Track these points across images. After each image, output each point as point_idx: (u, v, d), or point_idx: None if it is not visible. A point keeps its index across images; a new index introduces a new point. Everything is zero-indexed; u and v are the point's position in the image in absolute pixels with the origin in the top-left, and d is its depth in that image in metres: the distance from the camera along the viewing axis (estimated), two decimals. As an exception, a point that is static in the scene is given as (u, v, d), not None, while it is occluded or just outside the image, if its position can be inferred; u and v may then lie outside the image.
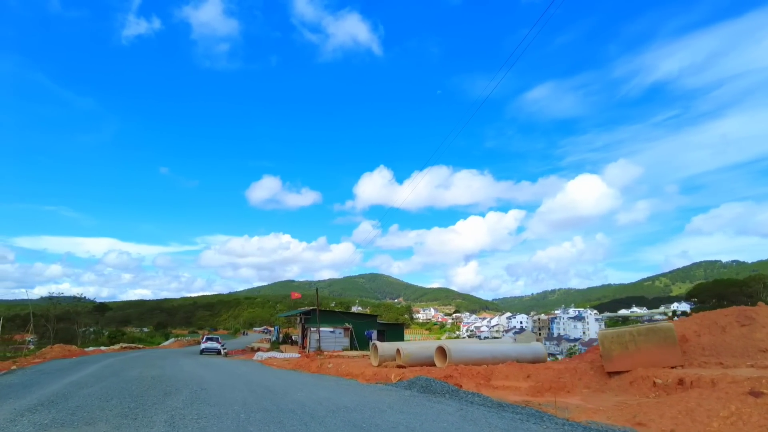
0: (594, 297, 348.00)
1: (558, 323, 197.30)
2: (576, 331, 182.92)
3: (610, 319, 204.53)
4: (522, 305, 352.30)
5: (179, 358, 31.71)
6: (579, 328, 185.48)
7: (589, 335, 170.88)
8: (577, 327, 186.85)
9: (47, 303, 60.71)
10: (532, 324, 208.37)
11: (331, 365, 19.60)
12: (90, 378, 16.45)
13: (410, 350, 16.77)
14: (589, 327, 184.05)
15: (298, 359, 28.25)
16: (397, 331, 44.45)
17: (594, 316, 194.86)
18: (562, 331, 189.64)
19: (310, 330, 39.04)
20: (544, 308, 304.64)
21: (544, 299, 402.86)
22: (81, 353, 38.51)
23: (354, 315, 42.97)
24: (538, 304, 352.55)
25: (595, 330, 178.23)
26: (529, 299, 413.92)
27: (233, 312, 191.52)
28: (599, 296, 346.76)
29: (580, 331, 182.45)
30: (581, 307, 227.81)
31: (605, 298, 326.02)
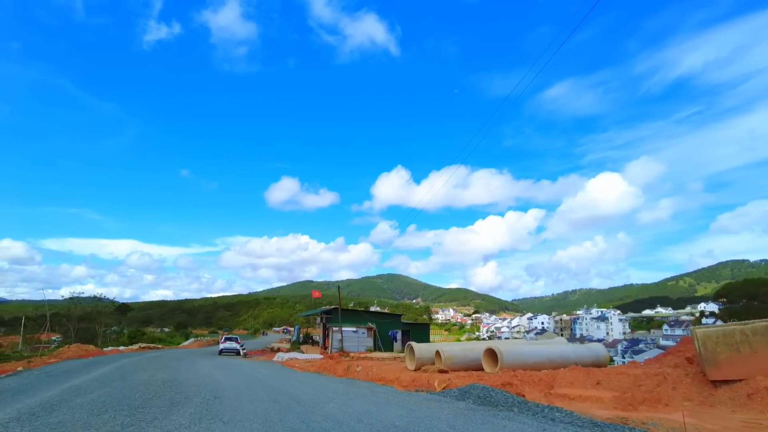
0: (616, 297, 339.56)
1: (581, 324, 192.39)
2: (599, 331, 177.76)
3: (634, 319, 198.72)
4: (542, 306, 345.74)
5: (196, 359, 30.03)
6: (602, 329, 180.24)
7: (612, 336, 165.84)
8: (600, 327, 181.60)
9: (68, 303, 60.10)
10: (553, 325, 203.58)
11: (360, 368, 17.48)
12: (93, 382, 14.65)
13: (453, 352, 14.55)
14: (613, 327, 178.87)
15: (321, 361, 26.23)
16: (422, 332, 42.18)
17: (617, 317, 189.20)
18: (585, 331, 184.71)
19: (332, 330, 37.06)
20: (564, 309, 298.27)
21: (565, 300, 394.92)
22: (98, 353, 37.21)
23: (377, 314, 40.92)
24: (558, 305, 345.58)
25: (619, 330, 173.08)
26: (550, 300, 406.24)
27: (253, 312, 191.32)
28: (621, 296, 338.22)
29: (604, 331, 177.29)
30: (603, 308, 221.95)
31: (627, 299, 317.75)
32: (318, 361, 27.25)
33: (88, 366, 22.95)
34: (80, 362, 26.53)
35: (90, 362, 26.29)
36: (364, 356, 21.61)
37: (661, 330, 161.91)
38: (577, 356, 14.68)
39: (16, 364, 25.17)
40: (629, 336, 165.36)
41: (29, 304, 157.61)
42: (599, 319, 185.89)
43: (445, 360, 14.35)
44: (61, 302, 61.98)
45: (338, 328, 36.60)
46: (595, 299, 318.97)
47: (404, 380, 13.91)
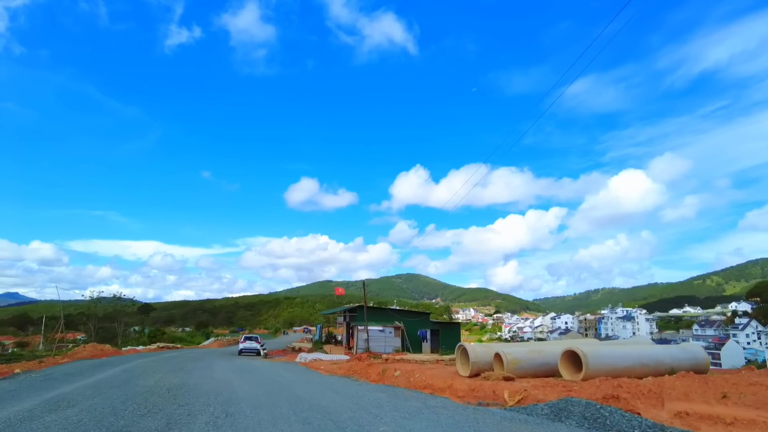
0: (640, 296, 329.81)
1: (606, 323, 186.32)
2: (625, 331, 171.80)
3: (662, 319, 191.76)
4: (564, 305, 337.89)
5: (214, 360, 27.76)
6: (628, 329, 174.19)
7: (639, 336, 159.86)
8: (626, 327, 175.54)
9: (88, 303, 59.14)
10: (577, 324, 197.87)
11: (398, 373, 14.77)
12: (87, 390, 12.27)
13: (517, 355, 11.72)
14: (640, 327, 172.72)
15: (348, 363, 23.62)
16: (452, 332, 39.27)
17: (644, 316, 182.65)
18: (610, 331, 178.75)
19: (357, 329, 34.50)
20: (587, 308, 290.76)
21: (587, 299, 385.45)
22: (113, 353, 35.36)
23: (404, 312, 38.15)
24: (580, 304, 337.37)
25: (646, 330, 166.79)
26: (572, 299, 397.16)
27: (273, 312, 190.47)
28: (645, 296, 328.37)
29: (630, 331, 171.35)
30: (628, 307, 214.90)
31: (652, 298, 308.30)
32: (345, 362, 24.66)
33: (95, 368, 20.83)
34: (90, 363, 24.50)
35: (100, 363, 24.23)
36: (399, 358, 18.88)
37: (691, 330, 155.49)
38: (673, 359, 11.72)
39: (26, 364, 23.27)
40: (656, 336, 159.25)
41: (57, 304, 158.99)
42: (625, 318, 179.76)
43: (509, 364, 11.53)
44: (83, 302, 60.99)
45: (364, 327, 34.00)
46: (619, 299, 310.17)
47: (460, 389, 11.14)
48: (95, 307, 58.81)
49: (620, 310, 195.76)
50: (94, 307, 58.76)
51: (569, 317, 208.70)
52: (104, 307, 59.48)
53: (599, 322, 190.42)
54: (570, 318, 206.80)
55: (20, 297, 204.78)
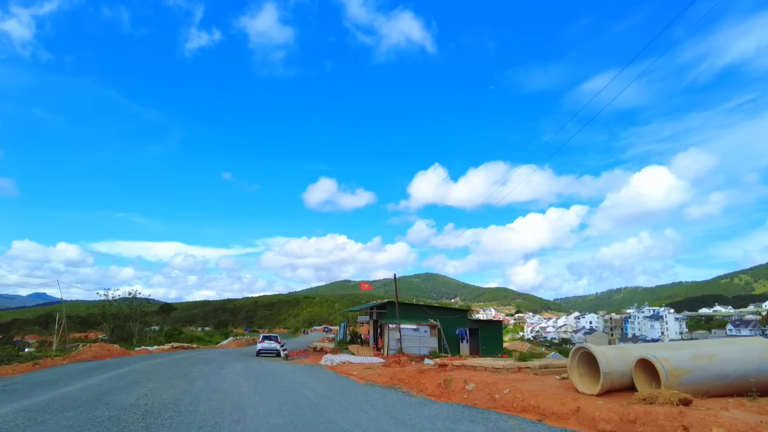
0: (664, 295, 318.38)
1: (632, 323, 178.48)
2: (653, 331, 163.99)
3: (691, 318, 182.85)
4: (585, 305, 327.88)
5: (227, 363, 23.81)
6: (656, 328, 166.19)
7: (668, 336, 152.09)
8: (655, 327, 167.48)
9: (102, 302, 56.47)
10: (602, 324, 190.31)
11: (472, 386, 10.44)
12: (39, 410, 8.26)
13: (681, 363, 7.32)
14: (668, 327, 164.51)
15: (387, 368, 19.36)
16: (493, 331, 34.69)
17: (673, 316, 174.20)
18: (637, 331, 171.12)
19: (388, 327, 30.23)
20: (609, 307, 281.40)
21: (609, 298, 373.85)
22: (121, 353, 31.84)
23: (440, 309, 33.67)
24: (602, 304, 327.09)
25: (675, 330, 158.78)
26: (593, 298, 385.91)
27: (293, 311, 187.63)
28: (669, 294, 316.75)
29: (658, 331, 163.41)
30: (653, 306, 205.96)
31: (677, 297, 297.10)
32: (380, 367, 20.39)
33: (83, 373, 17.08)
34: (86, 366, 20.82)
35: (96, 366, 20.52)
36: (459, 363, 14.50)
37: (724, 330, 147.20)
38: None
39: (15, 367, 19.68)
40: (687, 336, 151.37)
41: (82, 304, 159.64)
42: (653, 317, 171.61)
43: (669, 378, 7.11)
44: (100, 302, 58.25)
45: (396, 325, 29.71)
46: (641, 298, 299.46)
47: (601, 418, 6.78)
48: (110, 306, 56.24)
49: (647, 309, 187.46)
50: (109, 306, 56.18)
51: (594, 317, 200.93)
52: (120, 306, 56.82)
53: (625, 322, 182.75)
54: (594, 317, 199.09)
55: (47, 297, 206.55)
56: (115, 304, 56.15)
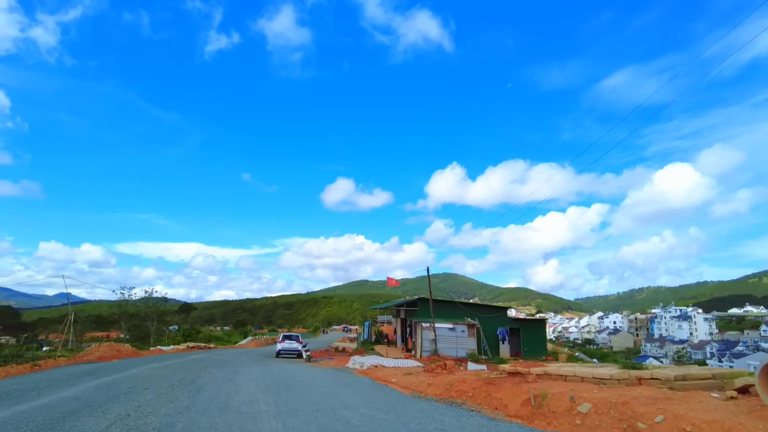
0: (688, 295, 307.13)
1: (659, 323, 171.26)
2: (681, 331, 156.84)
3: (721, 318, 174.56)
4: (607, 305, 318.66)
5: (243, 366, 20.80)
6: (685, 329, 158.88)
7: (697, 336, 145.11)
8: (683, 327, 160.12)
9: (119, 302, 54.58)
10: (627, 324, 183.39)
11: (588, 407, 7.04)
12: None
13: None
14: (697, 327, 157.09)
15: (430, 373, 16.08)
16: (536, 331, 30.96)
17: (702, 316, 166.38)
18: (664, 331, 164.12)
19: (422, 326, 26.87)
20: (631, 307, 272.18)
21: (631, 298, 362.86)
22: (131, 354, 29.17)
23: (478, 307, 30.05)
24: (624, 304, 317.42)
25: (704, 330, 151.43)
26: (615, 298, 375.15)
27: (311, 311, 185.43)
28: (695, 294, 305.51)
29: (686, 331, 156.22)
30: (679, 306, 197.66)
31: (702, 297, 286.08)
32: (420, 372, 17.11)
33: (76, 378, 14.26)
34: (84, 368, 18.06)
35: (95, 369, 17.74)
36: (541, 371, 10.99)
37: (758, 331, 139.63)
38: None
39: (11, 369, 17.06)
40: (717, 337, 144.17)
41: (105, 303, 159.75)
42: (680, 317, 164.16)
43: None
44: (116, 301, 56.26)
45: (429, 324, 26.37)
46: (665, 297, 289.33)
47: None
48: (127, 305, 54.37)
49: (674, 309, 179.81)
50: (126, 305, 54.31)
51: (618, 316, 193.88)
52: (137, 305, 54.86)
53: (651, 322, 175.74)
54: (618, 317, 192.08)
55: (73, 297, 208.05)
56: (131, 304, 54.14)
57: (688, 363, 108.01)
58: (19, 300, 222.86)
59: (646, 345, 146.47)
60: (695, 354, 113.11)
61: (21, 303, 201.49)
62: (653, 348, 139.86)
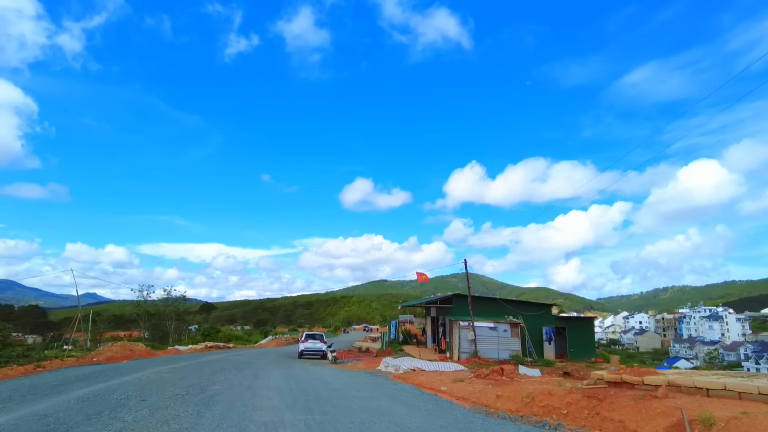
0: (716, 295, 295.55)
1: (688, 323, 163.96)
2: (712, 332, 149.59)
3: (754, 319, 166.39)
4: (630, 304, 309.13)
5: (264, 368, 18.26)
6: (716, 329, 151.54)
7: (729, 337, 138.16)
8: (714, 328, 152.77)
9: (137, 301, 53.17)
10: (654, 324, 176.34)
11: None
12: None
13: None
14: (729, 328, 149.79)
15: (485, 379, 13.23)
16: (584, 330, 27.74)
17: (734, 316, 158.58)
18: (693, 332, 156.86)
19: (459, 325, 23.96)
20: (655, 307, 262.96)
21: (655, 298, 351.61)
22: (144, 354, 26.95)
23: (520, 304, 26.83)
24: (648, 303, 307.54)
25: (737, 331, 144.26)
26: (638, 298, 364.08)
27: (330, 310, 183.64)
28: (722, 294, 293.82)
29: (718, 332, 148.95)
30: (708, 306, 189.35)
31: (731, 297, 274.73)
32: (471, 377, 14.25)
33: (71, 383, 11.90)
34: (87, 371, 15.79)
35: (99, 372, 15.43)
36: (664, 380, 8.05)
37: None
38: None
39: (10, 371, 14.97)
40: (750, 338, 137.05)
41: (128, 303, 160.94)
42: (711, 317, 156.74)
43: None
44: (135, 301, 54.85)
45: (468, 323, 23.47)
46: (690, 297, 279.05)
47: None
48: (146, 304, 52.88)
49: (703, 309, 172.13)
50: (144, 304, 52.82)
51: (644, 316, 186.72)
52: (156, 304, 53.27)
53: (679, 322, 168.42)
54: (645, 317, 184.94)
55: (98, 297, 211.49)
56: (150, 303, 52.55)
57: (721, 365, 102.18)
58: (47, 300, 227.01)
59: (675, 346, 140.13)
60: (728, 356, 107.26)
61: (49, 303, 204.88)
62: (683, 349, 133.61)
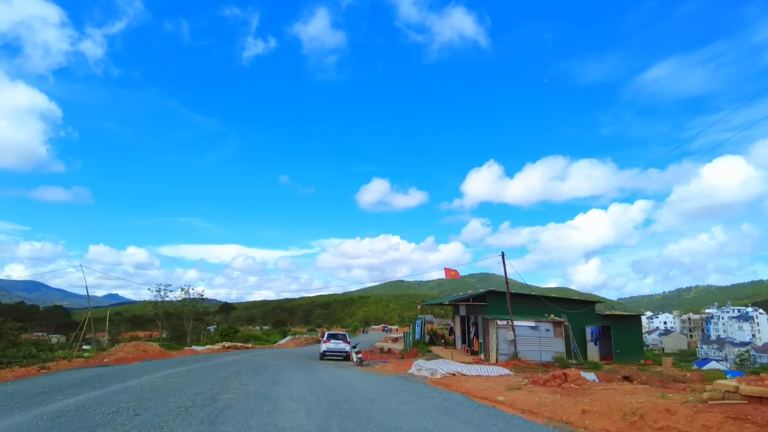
0: (742, 295, 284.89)
1: (716, 323, 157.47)
2: (742, 333, 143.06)
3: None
4: (652, 304, 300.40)
5: (283, 372, 16.25)
6: (746, 330, 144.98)
7: (761, 339, 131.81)
8: (744, 328, 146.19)
9: (154, 302, 52.07)
10: (679, 324, 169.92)
11: None
12: None
13: None
14: (760, 329, 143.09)
15: (551, 388, 10.94)
16: (630, 329, 25.06)
17: (766, 316, 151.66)
18: (722, 333, 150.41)
19: (496, 324, 21.56)
20: (678, 307, 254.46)
21: (678, 297, 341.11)
22: (157, 355, 25.25)
23: (561, 301, 24.13)
24: (671, 303, 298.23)
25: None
26: (660, 298, 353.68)
27: (348, 311, 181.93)
28: (749, 294, 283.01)
29: (748, 333, 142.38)
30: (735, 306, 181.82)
31: (758, 296, 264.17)
32: (528, 384, 11.96)
33: (60, 390, 10.03)
34: (90, 373, 14.06)
35: (100, 374, 13.63)
36: None
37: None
38: None
39: (9, 373, 13.32)
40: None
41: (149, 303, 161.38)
42: (740, 318, 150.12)
43: None
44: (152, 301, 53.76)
45: (506, 322, 21.10)
46: (716, 297, 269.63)
47: None
48: (162, 304, 51.77)
49: (732, 309, 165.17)
50: (161, 304, 51.72)
51: (669, 316, 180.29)
52: (173, 304, 52.10)
53: (707, 322, 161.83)
54: (670, 317, 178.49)
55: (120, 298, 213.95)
56: (168, 303, 51.38)
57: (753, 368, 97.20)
58: (71, 300, 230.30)
59: (702, 347, 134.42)
60: (760, 357, 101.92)
61: (73, 303, 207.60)
62: (711, 350, 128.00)
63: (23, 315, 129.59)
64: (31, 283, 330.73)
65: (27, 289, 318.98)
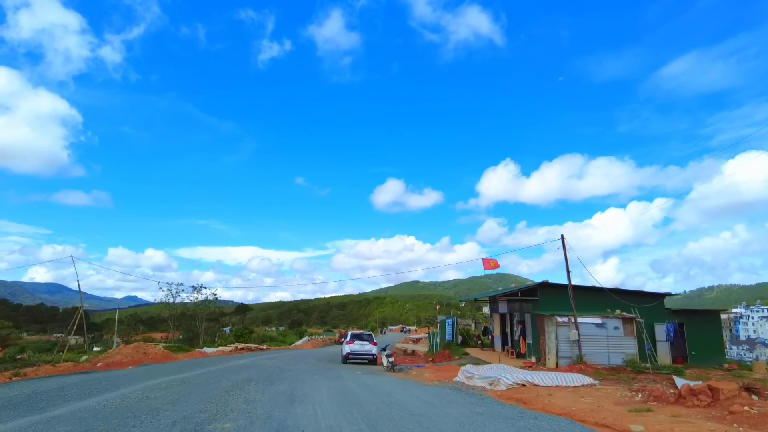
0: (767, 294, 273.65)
1: (745, 323, 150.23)
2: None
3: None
4: (673, 304, 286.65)
5: (304, 379, 12.80)
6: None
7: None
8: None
9: (164, 303, 49.55)
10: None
11: None
12: None
13: None
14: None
15: (687, 407, 7.24)
16: (707, 327, 21.14)
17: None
18: (752, 333, 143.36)
19: (555, 321, 17.78)
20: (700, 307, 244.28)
21: (700, 297, 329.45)
22: (160, 358, 22.09)
23: (629, 294, 20.11)
24: (692, 303, 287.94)
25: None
26: (681, 298, 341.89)
27: (364, 311, 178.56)
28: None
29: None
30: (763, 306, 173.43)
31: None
32: (650, 401, 8.30)
33: (13, 405, 6.85)
34: (67, 380, 11.03)
35: (76, 383, 10.52)
36: None
37: None
38: None
39: None
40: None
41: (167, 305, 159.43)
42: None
43: None
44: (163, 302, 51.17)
45: (568, 318, 17.37)
46: (740, 296, 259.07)
47: None
48: (174, 304, 49.15)
49: (762, 308, 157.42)
50: (173, 305, 49.08)
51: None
52: (185, 305, 49.41)
53: (735, 322, 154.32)
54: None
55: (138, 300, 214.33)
56: (180, 303, 48.71)
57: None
58: (92, 302, 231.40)
59: (732, 348, 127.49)
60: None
61: (93, 305, 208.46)
62: (741, 351, 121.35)
63: (44, 316, 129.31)
64: (53, 285, 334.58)
65: (49, 291, 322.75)
